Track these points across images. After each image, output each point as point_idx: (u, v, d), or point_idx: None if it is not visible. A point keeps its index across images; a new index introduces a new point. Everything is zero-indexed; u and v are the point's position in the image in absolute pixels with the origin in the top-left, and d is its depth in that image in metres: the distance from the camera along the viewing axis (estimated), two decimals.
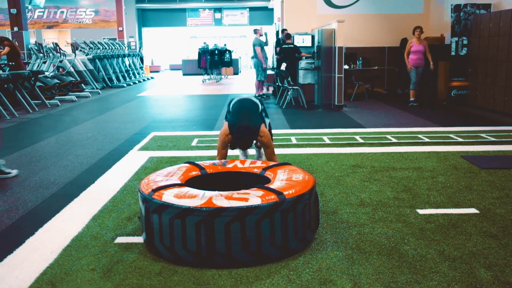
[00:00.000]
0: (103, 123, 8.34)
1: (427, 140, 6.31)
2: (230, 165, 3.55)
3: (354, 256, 2.83)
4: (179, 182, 3.07)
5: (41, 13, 28.41)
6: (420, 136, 6.59)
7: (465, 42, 9.87)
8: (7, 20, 28.53)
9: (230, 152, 5.08)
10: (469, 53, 9.79)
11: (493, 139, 6.33)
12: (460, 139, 6.32)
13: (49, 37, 30.05)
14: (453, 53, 9.98)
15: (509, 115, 8.27)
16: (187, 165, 3.47)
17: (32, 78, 10.26)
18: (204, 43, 20.04)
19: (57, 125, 8.38)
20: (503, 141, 6.17)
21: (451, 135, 6.60)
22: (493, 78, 8.80)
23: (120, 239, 3.15)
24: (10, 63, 10.51)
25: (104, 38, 26.16)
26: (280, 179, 3.07)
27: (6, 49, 10.47)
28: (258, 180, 3.31)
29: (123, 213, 3.66)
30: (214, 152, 5.11)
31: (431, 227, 3.28)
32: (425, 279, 2.53)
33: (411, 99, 9.96)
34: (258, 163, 3.54)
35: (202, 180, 3.36)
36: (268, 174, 3.31)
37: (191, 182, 3.24)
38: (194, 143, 6.34)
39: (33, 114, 9.62)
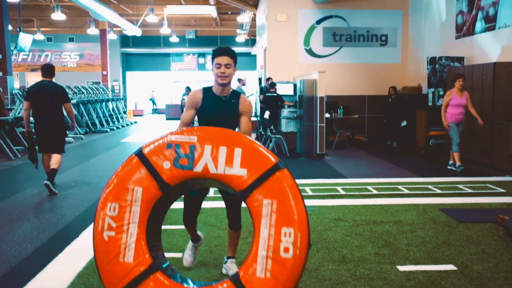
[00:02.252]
0: (87, 171, 8.35)
1: (406, 191, 6.47)
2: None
3: None
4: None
5: (26, 56, 28.58)
6: (399, 187, 6.75)
7: (441, 93, 10.24)
8: None
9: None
10: None
11: (470, 190, 6.52)
12: (438, 191, 6.50)
13: (33, 80, 30.13)
14: (430, 103, 10.33)
15: (484, 165, 8.52)
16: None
17: (14, 124, 10.27)
18: (187, 87, 20.30)
19: (39, 173, 8.33)
20: (479, 193, 6.35)
21: (429, 186, 6.78)
22: (468, 129, 9.10)
23: None
24: None
25: (88, 82, 26.38)
26: (261, 259, 2.49)
27: None
28: None
29: None
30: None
31: (411, 284, 3.37)
32: None
33: (453, 162, 8.22)
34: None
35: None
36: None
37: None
38: None
39: (15, 160, 9.59)
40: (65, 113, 6.88)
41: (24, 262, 3.94)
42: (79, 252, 4.12)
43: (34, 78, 30.12)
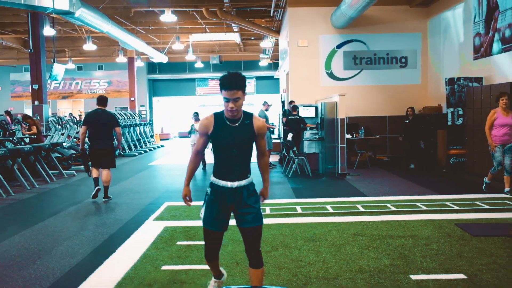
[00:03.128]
0: (118, 193, 8.81)
1: (424, 208, 6.70)
2: None
3: None
4: None
5: (57, 85, 29.73)
6: (418, 204, 6.99)
7: (460, 112, 10.46)
8: (25, 91, 29.96)
9: None
10: (465, 123, 10.34)
11: (487, 206, 6.71)
12: (455, 207, 6.71)
13: (64, 107, 31.32)
14: (449, 123, 10.54)
15: (503, 181, 8.65)
16: None
17: (50, 150, 10.89)
18: (195, 113, 20.68)
19: (75, 195, 8.86)
20: (496, 209, 6.55)
21: (447, 203, 7.00)
22: (487, 147, 9.26)
23: None
24: (33, 137, 11.20)
25: (116, 108, 27.27)
26: None
27: (34, 129, 11.29)
28: None
29: (144, 280, 4.05)
30: None
31: None
32: None
33: (488, 180, 7.97)
34: None
35: None
36: None
37: None
38: None
39: (51, 184, 10.14)
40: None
41: (69, 273, 4.35)
42: (117, 265, 4.50)
43: (65, 105, 31.29)
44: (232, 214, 3.25)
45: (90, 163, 8.13)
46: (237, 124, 3.14)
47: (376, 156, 12.78)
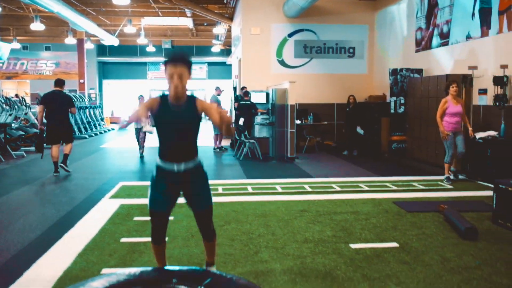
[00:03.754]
0: (72, 174, 8.86)
1: (366, 188, 7.23)
2: None
3: (297, 279, 3.58)
4: None
5: (1, 64, 28.63)
6: (360, 185, 7.52)
7: (402, 101, 11.12)
8: None
9: None
10: (406, 111, 11.01)
11: (422, 187, 7.33)
12: (394, 187, 7.28)
13: (8, 87, 30.20)
14: (392, 111, 11.19)
15: (439, 166, 9.33)
16: None
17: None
18: (140, 96, 20.68)
19: (26, 175, 8.84)
20: (430, 189, 7.16)
21: (387, 184, 7.56)
22: (426, 134, 9.98)
23: (105, 271, 3.77)
24: None
25: (64, 90, 26.63)
26: None
27: None
28: None
29: (104, 250, 4.29)
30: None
31: (359, 257, 4.08)
32: None
33: (446, 175, 7.74)
34: None
35: None
36: None
37: None
38: None
39: (0, 164, 10.01)
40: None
41: (30, 246, 4.52)
42: (77, 239, 4.70)
43: (9, 85, 30.20)
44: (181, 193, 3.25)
45: (45, 143, 8.65)
46: (180, 106, 3.07)
47: (324, 141, 13.34)
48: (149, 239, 3.38)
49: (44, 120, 8.60)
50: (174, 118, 3.07)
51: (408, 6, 11.89)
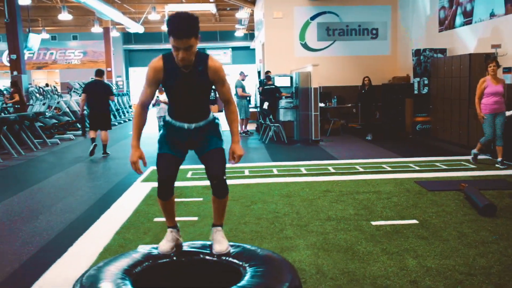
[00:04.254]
0: (104, 160, 9.25)
1: (388, 168, 7.39)
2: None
3: (319, 253, 3.82)
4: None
5: (31, 55, 29.37)
6: (383, 165, 7.67)
7: (426, 82, 11.14)
8: None
9: None
10: (430, 92, 11.03)
11: (444, 167, 7.43)
12: (417, 168, 7.41)
13: (38, 77, 31.05)
14: (415, 92, 11.23)
15: (463, 146, 9.42)
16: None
17: (34, 119, 11.19)
18: None
19: (62, 162, 9.27)
20: (452, 169, 7.27)
21: (410, 164, 7.70)
22: (449, 114, 10.01)
23: (140, 248, 4.07)
24: (16, 106, 11.46)
25: (92, 78, 27.28)
26: None
27: (16, 97, 11.53)
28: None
29: (139, 229, 4.60)
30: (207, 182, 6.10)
31: (380, 233, 4.29)
32: (369, 266, 3.53)
33: (477, 153, 7.60)
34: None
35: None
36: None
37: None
38: (189, 175, 7.30)
39: (37, 152, 10.49)
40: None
41: (71, 225, 4.87)
42: (113, 218, 5.04)
43: (40, 75, 31.02)
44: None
45: (88, 127, 9.53)
46: (189, 70, 2.81)
47: (349, 124, 13.44)
48: (180, 218, 3.35)
49: (87, 108, 9.82)
50: (183, 84, 2.83)
51: None
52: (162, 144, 3.01)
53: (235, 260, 2.68)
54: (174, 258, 2.79)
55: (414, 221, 4.62)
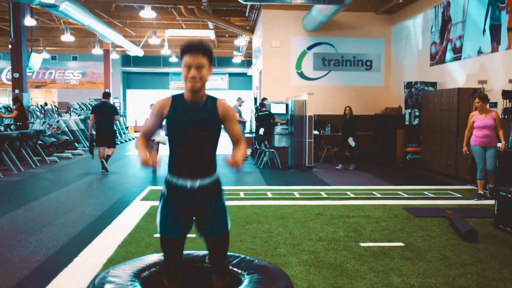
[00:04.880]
0: (103, 178, 9.50)
1: (379, 195, 7.69)
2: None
3: (311, 269, 4.08)
4: None
5: (30, 74, 29.73)
6: (374, 192, 7.97)
7: (417, 113, 11.54)
8: None
9: None
10: (420, 123, 11.42)
11: (432, 195, 7.75)
12: (405, 195, 7.72)
13: (36, 96, 31.32)
14: (407, 123, 11.62)
15: (451, 176, 9.75)
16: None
17: (35, 137, 11.45)
18: (152, 104, 21.44)
19: (61, 179, 9.51)
20: (439, 197, 7.59)
21: (399, 192, 8.01)
22: (439, 145, 10.38)
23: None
24: (18, 123, 11.73)
25: (89, 98, 27.61)
26: None
27: (15, 113, 11.80)
28: None
29: (140, 243, 4.85)
30: None
31: (368, 254, 4.56)
32: (356, 282, 3.80)
33: (479, 191, 7.46)
34: None
35: None
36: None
37: None
38: None
39: (36, 169, 10.71)
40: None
41: (75, 238, 5.10)
42: (115, 233, 5.27)
43: (38, 94, 31.32)
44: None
45: (95, 144, 10.24)
46: (199, 106, 2.63)
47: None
48: None
49: (95, 126, 10.36)
50: (190, 120, 2.59)
51: (423, 20, 12.34)
52: (164, 220, 2.70)
53: (234, 269, 2.94)
54: None
55: (401, 244, 4.90)
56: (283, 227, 5.59)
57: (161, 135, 10.19)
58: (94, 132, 10.29)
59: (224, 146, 3.45)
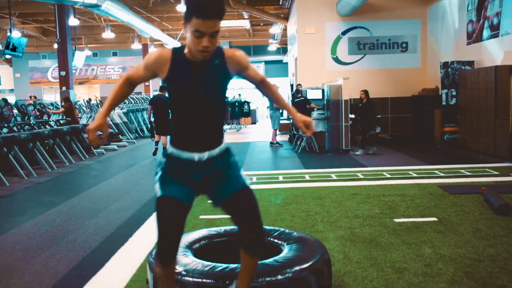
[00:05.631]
0: (148, 166, 10.01)
1: (415, 175, 7.84)
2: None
3: (346, 243, 4.36)
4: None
5: (74, 71, 30.88)
6: (410, 172, 8.12)
7: (453, 93, 11.51)
8: (43, 78, 31.23)
9: None
10: (457, 103, 11.39)
11: (468, 173, 7.83)
12: (442, 174, 7.84)
13: (80, 92, 32.55)
14: (444, 103, 11.60)
15: (489, 154, 9.74)
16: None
17: (83, 131, 12.11)
18: (227, 98, 21.95)
19: (110, 169, 10.08)
20: (476, 175, 7.67)
21: (435, 171, 8.12)
22: (476, 124, 10.36)
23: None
24: (68, 119, 12.44)
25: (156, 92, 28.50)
26: None
27: (62, 109, 12.54)
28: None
29: (188, 224, 5.16)
30: None
31: (401, 228, 4.79)
32: (389, 253, 4.05)
33: None
34: None
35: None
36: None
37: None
38: None
39: (85, 161, 11.36)
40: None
41: (126, 222, 5.55)
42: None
43: (82, 90, 32.53)
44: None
45: (155, 132, 11.17)
46: (204, 64, 2.21)
47: (379, 134, 13.84)
48: (223, 216, 2.77)
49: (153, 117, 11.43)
50: (197, 82, 2.21)
51: None
52: (163, 183, 2.33)
53: (275, 240, 3.26)
54: (226, 238, 3.39)
55: (434, 219, 5.10)
56: (320, 206, 5.87)
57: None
58: (152, 119, 11.36)
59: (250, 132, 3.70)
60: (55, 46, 16.58)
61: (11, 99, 17.00)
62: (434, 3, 13.72)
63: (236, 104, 20.47)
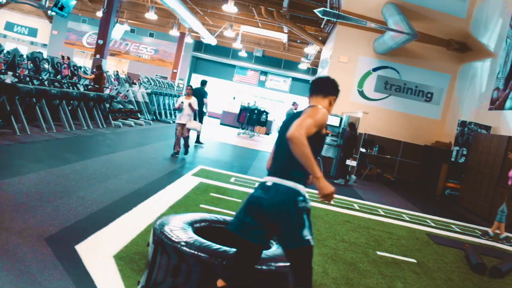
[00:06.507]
0: (161, 149, 10.42)
1: (407, 218, 8.17)
2: None
3: (328, 261, 4.72)
4: None
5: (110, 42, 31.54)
6: (403, 215, 8.45)
7: (464, 152, 11.82)
8: (78, 40, 31.92)
9: None
10: (466, 162, 11.69)
11: (458, 230, 8.14)
12: (433, 224, 8.16)
13: (109, 63, 33.13)
14: (452, 159, 11.92)
15: (484, 218, 10.02)
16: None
17: (108, 101, 12.57)
18: (248, 103, 22.27)
19: (125, 142, 10.51)
20: (464, 233, 7.98)
21: (427, 220, 8.44)
22: (479, 186, 10.66)
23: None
24: (95, 86, 12.92)
25: (156, 75, 29.03)
26: None
27: (92, 76, 13.03)
28: None
29: (188, 209, 5.62)
30: (247, 189, 7.07)
31: (381, 260, 5.14)
32: (364, 278, 4.40)
33: (501, 234, 7.75)
34: None
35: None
36: None
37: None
38: (232, 180, 8.31)
39: (102, 129, 11.80)
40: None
41: (135, 192, 5.95)
42: (168, 196, 6.08)
43: (110, 62, 33.09)
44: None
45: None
46: None
47: (384, 174, 14.18)
48: (222, 210, 3.87)
49: None
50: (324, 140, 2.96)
51: (491, 65, 12.56)
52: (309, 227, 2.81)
53: None
54: (224, 226, 3.77)
55: (413, 260, 5.44)
56: (312, 225, 6.21)
57: (194, 122, 9.86)
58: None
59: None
60: (98, 14, 17.13)
61: (44, 54, 17.52)
62: (467, 63, 14.07)
63: (256, 111, 20.88)
